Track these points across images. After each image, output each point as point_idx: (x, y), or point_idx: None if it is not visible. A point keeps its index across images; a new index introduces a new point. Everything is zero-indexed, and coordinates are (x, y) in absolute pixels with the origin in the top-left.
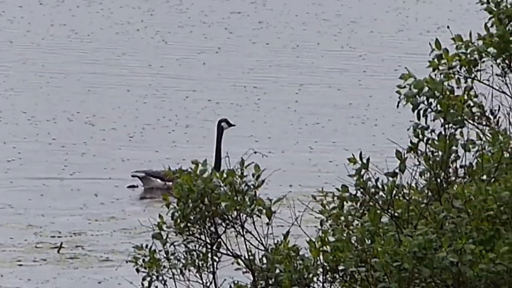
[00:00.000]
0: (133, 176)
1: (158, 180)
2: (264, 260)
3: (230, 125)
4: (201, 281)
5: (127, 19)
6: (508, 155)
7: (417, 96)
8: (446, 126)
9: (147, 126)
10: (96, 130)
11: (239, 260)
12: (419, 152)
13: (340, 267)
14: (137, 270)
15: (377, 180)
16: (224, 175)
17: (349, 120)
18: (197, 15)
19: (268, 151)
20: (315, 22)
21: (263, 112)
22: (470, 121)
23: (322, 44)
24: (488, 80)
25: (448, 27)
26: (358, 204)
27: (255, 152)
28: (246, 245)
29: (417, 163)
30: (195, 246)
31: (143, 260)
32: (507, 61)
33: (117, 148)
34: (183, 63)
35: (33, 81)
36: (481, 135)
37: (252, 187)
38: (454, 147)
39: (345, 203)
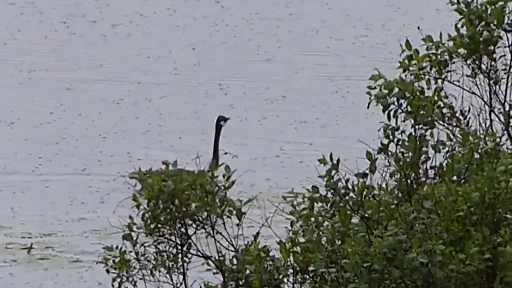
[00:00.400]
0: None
1: None
2: (234, 261)
3: (225, 120)
4: (171, 282)
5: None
6: (478, 156)
7: (387, 97)
8: (417, 127)
9: (120, 126)
10: (70, 129)
11: (209, 261)
12: (389, 153)
13: (310, 268)
14: (107, 271)
15: (347, 181)
16: (194, 176)
17: (319, 121)
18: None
19: (240, 151)
20: (284, 22)
21: (235, 111)
22: (440, 122)
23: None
24: (458, 81)
25: (418, 28)
26: (329, 205)
27: (226, 153)
28: (216, 246)
29: (388, 164)
30: (165, 247)
31: (113, 261)
32: (477, 62)
33: (89, 148)
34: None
35: (14, 78)
36: (451, 136)
37: (222, 188)
38: (424, 148)
39: (315, 204)
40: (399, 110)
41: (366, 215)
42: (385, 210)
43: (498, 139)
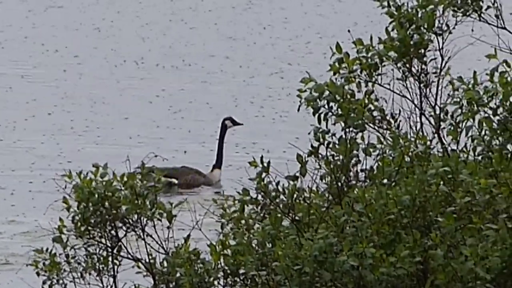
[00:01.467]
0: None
1: (163, 178)
2: (165, 264)
3: (235, 123)
4: (101, 285)
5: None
6: (409, 159)
7: (318, 100)
8: (347, 130)
9: (52, 127)
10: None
11: (140, 264)
12: (320, 156)
13: (241, 271)
14: (38, 274)
15: (278, 183)
16: (125, 179)
17: (249, 124)
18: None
19: (170, 154)
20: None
21: (172, 115)
22: (371, 125)
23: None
24: (388, 84)
25: (349, 31)
26: (259, 207)
27: (156, 156)
28: (146, 248)
29: (318, 167)
30: (95, 250)
31: (44, 264)
32: (407, 65)
33: (20, 149)
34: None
35: None
36: (382, 139)
37: (153, 190)
38: (355, 151)
39: (245, 206)
40: (330, 113)
41: (296, 218)
42: (315, 213)
43: (428, 142)
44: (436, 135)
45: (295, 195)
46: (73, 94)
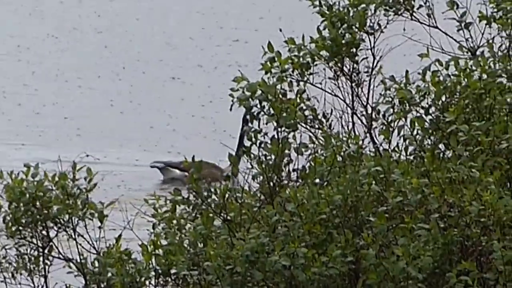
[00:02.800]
0: (152, 167)
1: (177, 171)
2: (96, 264)
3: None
4: (32, 285)
5: None
6: (341, 158)
7: (250, 99)
8: (279, 129)
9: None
10: None
11: (71, 264)
12: (252, 155)
13: (173, 271)
14: None
15: (209, 183)
16: (56, 179)
17: (181, 123)
18: None
19: (102, 154)
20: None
21: (99, 114)
22: (303, 124)
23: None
24: (320, 83)
25: (280, 30)
26: (191, 207)
27: (87, 155)
28: (78, 248)
29: (250, 166)
30: (26, 250)
31: None
32: (339, 64)
33: None
34: None
35: None
36: (314, 139)
37: (84, 190)
38: (287, 151)
39: (177, 206)
40: (262, 113)
41: (228, 217)
42: (247, 213)
43: (360, 142)
44: (368, 134)
45: (227, 195)
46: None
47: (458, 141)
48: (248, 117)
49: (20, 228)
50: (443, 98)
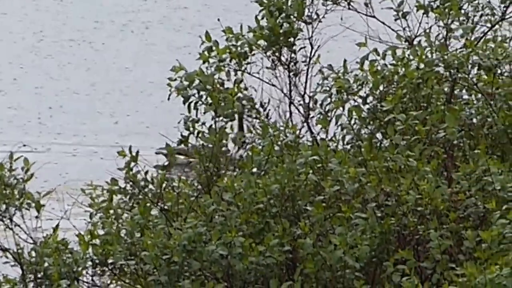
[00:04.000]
0: (157, 153)
1: (181, 157)
2: (33, 254)
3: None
4: None
5: None
6: (278, 148)
7: (188, 89)
8: (217, 119)
9: None
10: None
11: (8, 254)
12: (189, 145)
13: (110, 260)
14: None
15: (146, 173)
16: None
17: (119, 112)
18: None
19: (39, 144)
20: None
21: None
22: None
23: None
24: (258, 73)
25: (218, 19)
26: (128, 197)
27: (24, 145)
28: (14, 238)
29: (188, 156)
30: None
31: None
32: (277, 54)
33: None
34: None
35: None
36: (251, 128)
37: (21, 180)
38: (224, 140)
39: (114, 196)
40: (200, 102)
41: (165, 207)
42: (184, 202)
43: (298, 131)
44: (305, 124)
45: (164, 185)
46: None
47: (395, 130)
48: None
49: None
50: (381, 88)
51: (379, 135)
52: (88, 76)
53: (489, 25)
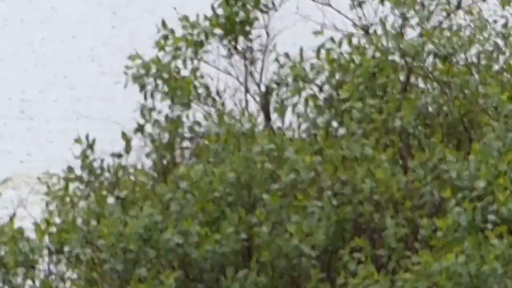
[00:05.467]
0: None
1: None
2: None
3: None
4: None
5: None
6: (234, 136)
7: (144, 77)
8: (173, 107)
9: None
10: None
11: None
12: (146, 133)
13: (66, 249)
14: None
15: (102, 161)
16: None
17: (76, 101)
18: None
19: None
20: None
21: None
22: (197, 102)
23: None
24: (214, 61)
25: (175, 8)
26: (84, 185)
27: None
28: None
29: (144, 144)
30: None
31: None
32: (233, 43)
33: None
34: None
35: None
36: (208, 117)
37: None
38: (180, 129)
39: (70, 184)
40: (156, 90)
41: (121, 195)
42: (140, 191)
43: (254, 120)
44: (261, 112)
45: (120, 173)
46: None
47: (351, 119)
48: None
49: None
50: (337, 76)
51: (335, 124)
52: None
53: (444, 14)
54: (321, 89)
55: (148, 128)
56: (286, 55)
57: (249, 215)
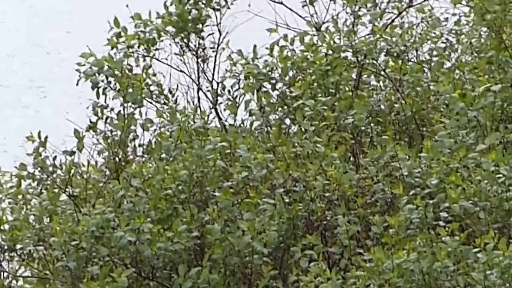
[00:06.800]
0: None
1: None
2: None
3: None
4: None
5: None
6: (187, 134)
7: (96, 75)
8: (126, 105)
9: None
10: None
11: None
12: (98, 130)
13: (18, 246)
14: None
15: (54, 158)
16: None
17: (25, 98)
18: None
19: None
20: None
21: None
22: (149, 99)
23: None
24: (166, 59)
25: (127, 6)
26: (36, 182)
27: None
28: None
29: (96, 142)
30: None
31: None
32: (185, 40)
33: None
34: None
35: None
36: (160, 114)
37: None
38: (133, 126)
39: (23, 181)
40: (108, 88)
41: (74, 193)
42: (93, 188)
43: (206, 117)
44: (213, 110)
45: (72, 171)
46: None
47: (304, 116)
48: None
49: None
50: (290, 73)
51: (287, 121)
52: None
53: (396, 11)
54: (274, 86)
55: (101, 125)
56: (240, 51)
57: (201, 213)
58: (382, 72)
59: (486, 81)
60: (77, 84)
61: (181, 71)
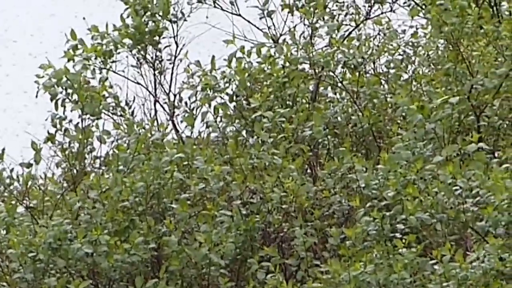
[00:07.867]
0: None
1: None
2: None
3: None
4: None
5: None
6: (144, 146)
7: (55, 86)
8: (84, 117)
9: None
10: None
11: None
12: (56, 142)
13: None
14: None
15: (11, 170)
16: None
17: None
18: None
19: None
20: None
21: None
22: (106, 111)
23: None
24: (123, 71)
25: (84, 18)
26: None
27: None
28: None
29: (54, 153)
30: None
31: None
32: (142, 52)
33: None
34: None
35: None
36: (118, 126)
37: None
38: (90, 139)
39: None
40: (67, 100)
41: (31, 205)
42: (50, 200)
43: (163, 129)
44: (170, 122)
45: (29, 182)
46: None
47: (262, 128)
48: None
49: None
50: (248, 85)
51: (245, 133)
52: None
53: (354, 24)
54: (231, 98)
55: (59, 137)
56: (198, 62)
57: (158, 224)
58: (340, 84)
59: (444, 93)
60: (36, 96)
61: (138, 83)
